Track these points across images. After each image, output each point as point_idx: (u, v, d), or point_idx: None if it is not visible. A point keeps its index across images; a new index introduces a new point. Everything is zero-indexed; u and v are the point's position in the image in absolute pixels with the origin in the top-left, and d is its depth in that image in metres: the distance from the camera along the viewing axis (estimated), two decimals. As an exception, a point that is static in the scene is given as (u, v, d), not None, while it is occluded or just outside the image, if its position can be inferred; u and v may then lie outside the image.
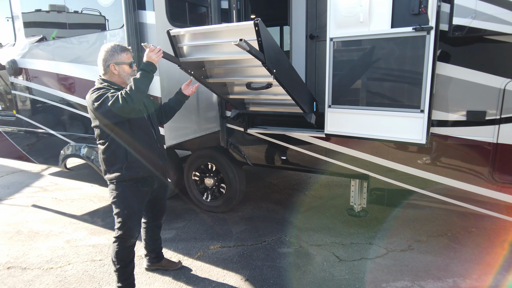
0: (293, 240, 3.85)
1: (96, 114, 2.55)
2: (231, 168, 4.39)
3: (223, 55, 3.01)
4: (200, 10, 4.07)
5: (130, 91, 2.42)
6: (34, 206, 5.19)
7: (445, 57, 2.81)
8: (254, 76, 3.20)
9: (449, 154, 3.02)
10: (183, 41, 3.08)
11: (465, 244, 3.65)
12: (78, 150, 4.41)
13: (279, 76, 2.79)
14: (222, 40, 2.90)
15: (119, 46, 2.64)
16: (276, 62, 2.74)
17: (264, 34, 2.51)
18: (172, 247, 3.79)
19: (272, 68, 2.68)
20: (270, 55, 2.63)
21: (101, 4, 3.71)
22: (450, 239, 3.75)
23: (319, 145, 3.66)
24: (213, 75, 3.41)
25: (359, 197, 3.98)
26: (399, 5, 2.72)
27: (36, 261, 3.61)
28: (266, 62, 2.59)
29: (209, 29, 2.98)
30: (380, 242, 3.75)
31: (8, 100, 5.17)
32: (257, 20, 2.42)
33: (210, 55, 3.07)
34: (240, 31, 2.68)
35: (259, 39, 2.49)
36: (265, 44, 2.54)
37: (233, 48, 2.48)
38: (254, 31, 2.46)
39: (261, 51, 2.55)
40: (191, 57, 3.14)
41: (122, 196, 2.71)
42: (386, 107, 2.97)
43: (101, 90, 2.55)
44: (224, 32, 2.86)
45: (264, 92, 3.32)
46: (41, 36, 4.42)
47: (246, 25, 2.54)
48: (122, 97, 2.41)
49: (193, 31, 2.97)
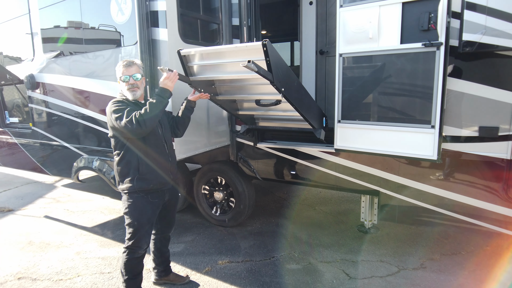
0: (302, 256, 3.80)
1: (112, 125, 2.67)
2: (241, 182, 4.39)
3: (232, 74, 3.05)
4: (212, 27, 4.16)
5: (144, 115, 2.53)
6: (47, 217, 5.27)
7: (456, 73, 2.79)
8: (263, 94, 3.23)
9: (462, 170, 2.97)
10: (193, 61, 3.15)
11: (479, 263, 3.54)
12: (90, 163, 4.48)
13: (287, 94, 2.82)
14: (231, 60, 2.94)
15: (120, 62, 2.77)
16: (284, 81, 2.77)
17: (272, 54, 2.55)
18: (180, 261, 3.78)
19: (280, 87, 2.71)
20: (278, 74, 2.66)
21: (116, 21, 3.82)
22: (464, 258, 3.65)
23: (329, 160, 3.64)
24: (222, 93, 3.46)
25: (370, 213, 3.92)
26: (408, 21, 2.73)
27: (46, 272, 3.64)
28: (275, 81, 2.63)
29: (218, 49, 3.05)
30: (391, 259, 3.67)
31: (25, 113, 5.33)
32: (265, 41, 2.47)
33: (219, 74, 3.12)
34: (248, 51, 2.73)
35: (267, 59, 2.53)
36: (273, 64, 2.57)
37: (242, 67, 2.53)
38: (262, 51, 2.51)
39: (270, 71, 2.59)
40: (201, 75, 3.20)
41: (133, 207, 2.77)
42: (396, 122, 2.95)
43: (119, 104, 2.67)
44: (233, 52, 2.91)
45: (273, 108, 3.34)
46: (58, 52, 4.57)
47: (254, 46, 2.60)
48: (136, 119, 2.51)
49: (202, 51, 3.03)
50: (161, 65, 3.46)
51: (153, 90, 3.36)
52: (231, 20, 4.13)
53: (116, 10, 3.77)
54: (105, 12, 3.89)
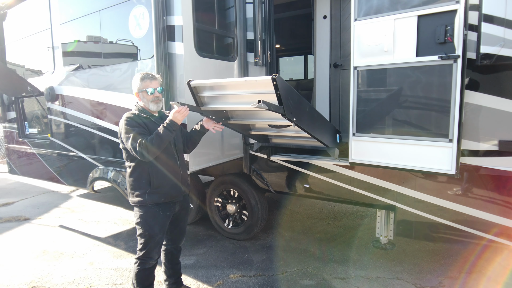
0: (316, 272, 3.72)
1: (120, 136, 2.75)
2: (254, 195, 4.37)
3: (242, 105, 3.03)
4: (227, 41, 4.22)
5: (149, 146, 2.60)
6: (61, 226, 5.33)
7: (474, 86, 2.75)
8: (274, 119, 3.20)
9: (481, 185, 2.88)
10: (203, 91, 3.17)
11: (500, 282, 3.40)
12: (105, 173, 4.54)
13: (299, 122, 2.83)
14: (242, 92, 2.96)
15: (140, 75, 2.83)
16: (296, 110, 2.78)
17: (282, 87, 2.56)
18: (191, 274, 3.75)
19: (292, 118, 2.72)
20: (290, 106, 2.67)
21: (134, 35, 3.92)
22: (484, 277, 3.51)
23: (343, 173, 3.59)
24: (234, 117, 3.46)
25: (386, 228, 3.83)
26: (424, 34, 2.72)
27: (60, 281, 3.66)
28: (286, 114, 2.64)
29: (228, 82, 3.08)
30: (408, 277, 3.56)
31: (44, 124, 5.47)
32: (275, 75, 2.48)
33: (230, 105, 3.12)
34: (258, 85, 2.75)
35: (278, 92, 2.54)
36: (284, 96, 2.58)
37: (252, 98, 2.54)
38: (272, 85, 2.52)
39: (280, 104, 2.60)
40: (212, 105, 3.21)
41: (145, 219, 2.80)
42: (413, 136, 2.91)
43: (130, 122, 2.71)
44: (243, 84, 2.93)
45: (286, 129, 3.34)
46: (77, 65, 4.70)
47: (264, 80, 2.62)
48: (140, 148, 2.59)
49: (212, 84, 3.05)
50: (176, 79, 3.52)
51: (169, 102, 3.42)
52: (246, 34, 4.19)
53: (134, 25, 3.88)
54: (123, 27, 4.00)
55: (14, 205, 6.60)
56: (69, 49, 4.82)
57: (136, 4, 3.83)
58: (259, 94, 2.74)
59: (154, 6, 3.41)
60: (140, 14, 3.79)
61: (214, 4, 4.01)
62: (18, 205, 6.56)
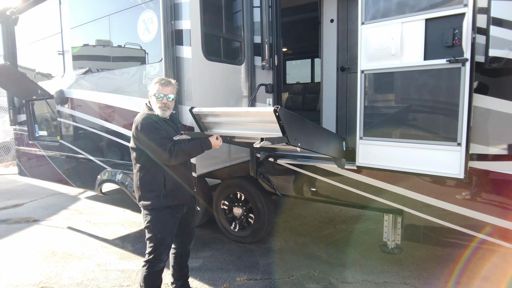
0: (323, 276, 3.70)
1: (137, 136, 2.74)
2: (260, 198, 4.37)
3: (246, 131, 3.07)
4: (234, 45, 4.25)
5: (182, 153, 2.71)
6: (70, 228, 5.39)
7: (483, 89, 2.73)
8: None
9: (490, 189, 2.85)
10: (206, 118, 3.21)
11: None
12: (113, 176, 4.59)
13: (304, 146, 2.85)
14: (244, 120, 3.01)
15: (156, 79, 2.86)
16: (300, 136, 2.79)
17: (284, 117, 2.57)
18: (198, 276, 3.76)
19: (296, 144, 2.74)
20: (293, 132, 2.68)
21: (143, 39, 3.97)
22: (493, 283, 3.46)
23: (350, 177, 3.58)
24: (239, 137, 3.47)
25: (393, 233, 3.80)
26: (431, 37, 2.71)
27: (68, 282, 3.69)
28: (290, 142, 2.66)
29: (230, 111, 3.11)
30: (415, 282, 3.52)
31: (53, 127, 5.54)
32: (277, 107, 2.50)
33: (233, 130, 3.16)
34: (260, 116, 2.78)
35: (280, 123, 2.57)
36: (286, 125, 2.60)
37: (255, 125, 2.56)
38: (274, 116, 2.53)
39: (284, 133, 2.62)
40: (215, 130, 3.26)
41: (156, 222, 2.81)
42: (420, 139, 2.89)
43: (154, 124, 2.73)
44: (246, 114, 2.96)
45: None
46: (87, 69, 4.77)
47: (266, 112, 2.64)
48: (174, 153, 2.67)
49: (214, 112, 3.08)
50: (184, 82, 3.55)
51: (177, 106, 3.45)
52: (253, 38, 4.21)
53: (142, 29, 3.92)
54: (132, 31, 4.05)
55: (23, 206, 6.69)
56: (79, 53, 4.90)
57: (144, 9, 3.88)
58: (263, 123, 2.82)
59: (163, 11, 3.45)
60: (148, 19, 3.84)
61: (221, 8, 4.05)
62: (27, 207, 6.65)
